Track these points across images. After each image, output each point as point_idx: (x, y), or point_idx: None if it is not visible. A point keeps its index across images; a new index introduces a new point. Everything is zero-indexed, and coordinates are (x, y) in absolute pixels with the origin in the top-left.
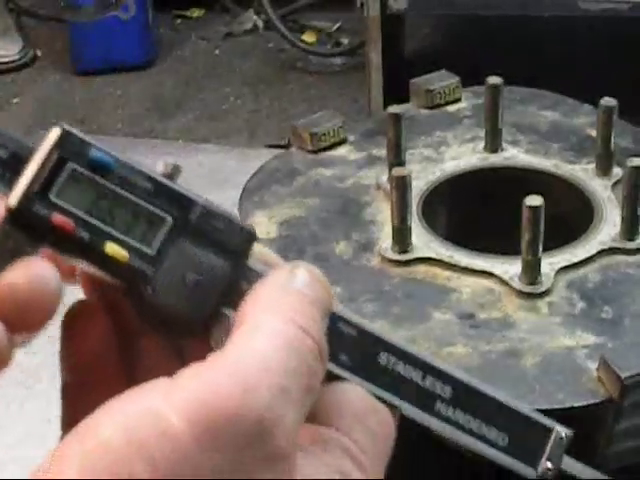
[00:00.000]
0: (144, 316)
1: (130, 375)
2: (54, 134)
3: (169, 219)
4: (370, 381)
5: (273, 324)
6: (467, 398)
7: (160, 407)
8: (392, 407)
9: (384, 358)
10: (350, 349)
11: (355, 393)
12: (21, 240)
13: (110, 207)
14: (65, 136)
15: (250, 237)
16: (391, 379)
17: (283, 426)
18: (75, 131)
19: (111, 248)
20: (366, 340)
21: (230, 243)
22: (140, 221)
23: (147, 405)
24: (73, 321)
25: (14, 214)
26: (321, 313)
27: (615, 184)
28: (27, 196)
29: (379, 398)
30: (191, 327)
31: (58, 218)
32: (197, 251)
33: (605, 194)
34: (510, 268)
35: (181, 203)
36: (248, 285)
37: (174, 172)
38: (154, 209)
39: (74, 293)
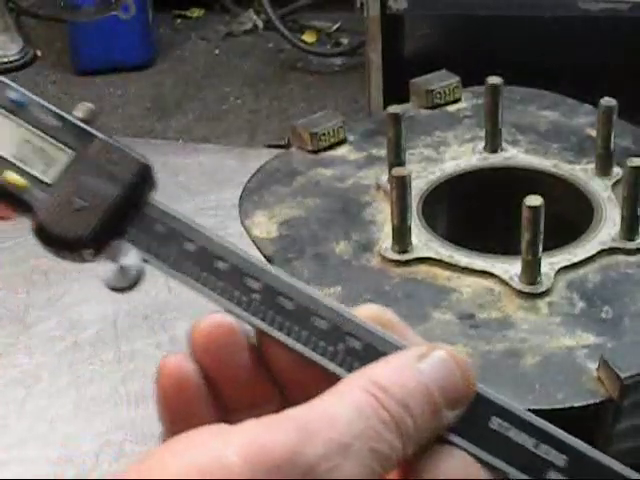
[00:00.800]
0: (40, 239)
1: None
2: None
3: (70, 152)
4: (478, 444)
5: (353, 391)
6: (583, 468)
7: (220, 446)
8: (498, 471)
9: (496, 423)
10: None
11: (456, 457)
12: None
13: (18, 141)
14: None
15: (144, 169)
16: (501, 444)
17: (337, 476)
18: None
19: (10, 176)
20: (478, 403)
21: (123, 174)
22: (44, 154)
23: (208, 443)
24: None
25: None
26: (430, 396)
27: (615, 184)
28: None
29: (486, 462)
30: (77, 250)
31: None
32: (90, 180)
33: (605, 194)
34: (510, 268)
35: (83, 138)
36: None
37: (91, 116)
38: (58, 143)
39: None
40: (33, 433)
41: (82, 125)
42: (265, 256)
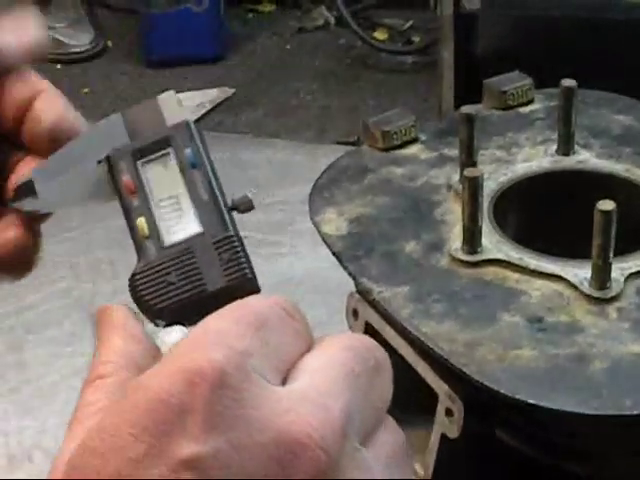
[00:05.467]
0: (129, 285)
1: None
2: (180, 120)
3: (199, 230)
4: None
5: None
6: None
7: None
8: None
9: None
10: None
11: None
12: (109, 179)
13: (169, 195)
14: (184, 126)
15: (244, 283)
16: None
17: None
18: (193, 126)
19: (141, 222)
20: None
21: (223, 277)
22: (180, 218)
23: None
24: None
25: (107, 159)
26: None
27: None
28: (122, 153)
29: None
30: (148, 315)
31: (128, 179)
32: (194, 264)
33: None
34: (580, 272)
35: (217, 225)
36: None
37: (244, 207)
38: (195, 217)
39: None
40: None
41: (225, 213)
42: (334, 253)
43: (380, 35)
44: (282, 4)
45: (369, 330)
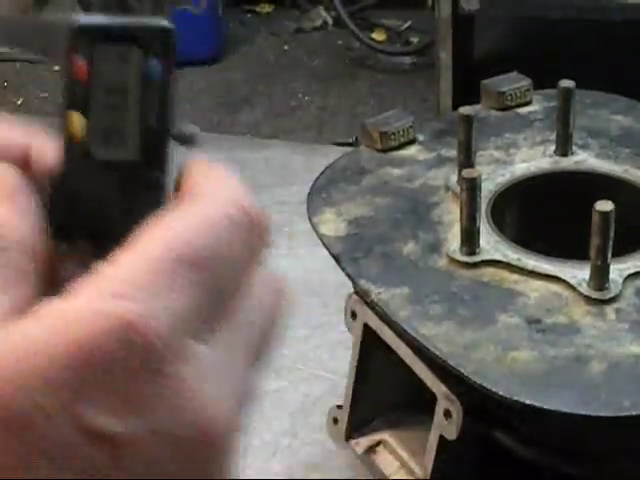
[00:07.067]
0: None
1: None
2: (165, 26)
3: (136, 158)
4: None
5: None
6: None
7: None
8: None
9: None
10: None
11: None
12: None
13: (117, 101)
14: (165, 32)
15: None
16: None
17: None
18: (173, 39)
19: (75, 119)
20: None
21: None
22: (120, 136)
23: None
24: None
25: (72, 26)
26: None
27: None
28: (88, 28)
29: None
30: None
31: (81, 63)
32: (115, 195)
33: None
34: (578, 273)
35: (156, 160)
36: None
37: (188, 142)
38: (136, 142)
39: None
40: None
41: (169, 150)
42: (332, 254)
43: (378, 36)
44: (280, 5)
45: (367, 331)
